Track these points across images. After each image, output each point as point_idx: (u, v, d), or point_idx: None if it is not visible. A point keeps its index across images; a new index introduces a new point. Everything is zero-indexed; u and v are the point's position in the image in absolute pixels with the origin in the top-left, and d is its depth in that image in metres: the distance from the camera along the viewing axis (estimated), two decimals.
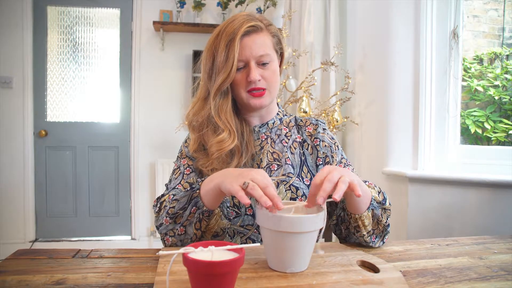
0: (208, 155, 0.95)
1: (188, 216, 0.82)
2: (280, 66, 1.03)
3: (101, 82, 3.24)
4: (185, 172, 0.98)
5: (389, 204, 0.89)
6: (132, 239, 3.25)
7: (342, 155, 1.05)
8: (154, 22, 3.03)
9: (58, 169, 3.19)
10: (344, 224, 0.91)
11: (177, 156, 1.05)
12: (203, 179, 0.96)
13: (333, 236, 1.61)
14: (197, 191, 0.82)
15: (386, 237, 0.91)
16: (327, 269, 0.72)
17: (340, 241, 0.98)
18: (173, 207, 0.84)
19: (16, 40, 3.02)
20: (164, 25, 3.05)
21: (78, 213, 3.22)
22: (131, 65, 3.21)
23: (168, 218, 0.84)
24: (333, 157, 1.02)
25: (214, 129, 0.94)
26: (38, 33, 3.09)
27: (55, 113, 3.19)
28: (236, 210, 0.95)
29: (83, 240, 3.20)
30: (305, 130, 1.06)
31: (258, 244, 0.72)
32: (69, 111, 3.21)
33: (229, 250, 0.61)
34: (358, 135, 2.30)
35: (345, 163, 1.03)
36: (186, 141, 1.06)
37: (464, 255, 0.86)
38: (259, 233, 0.96)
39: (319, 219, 0.69)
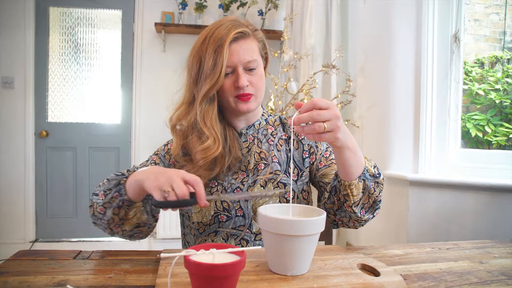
0: (193, 161, 0.95)
1: (110, 199, 0.83)
2: (265, 69, 1.04)
3: (102, 83, 3.25)
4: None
5: (383, 179, 0.89)
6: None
7: (327, 144, 1.06)
8: (156, 24, 3.03)
9: (58, 170, 3.19)
10: (337, 195, 0.90)
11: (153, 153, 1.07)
12: (154, 161, 1.00)
13: (333, 239, 1.61)
14: (125, 179, 0.83)
15: (377, 211, 0.91)
16: (328, 272, 0.72)
17: (332, 225, 0.98)
18: (104, 185, 0.86)
19: (18, 41, 3.03)
20: (166, 27, 3.06)
21: (78, 213, 3.22)
22: (132, 66, 3.21)
23: (103, 194, 0.85)
24: (317, 147, 1.04)
25: (199, 136, 0.94)
26: (40, 34, 3.10)
27: (56, 113, 3.19)
28: (227, 213, 0.96)
29: (83, 241, 3.20)
30: (288, 127, 1.07)
31: (260, 247, 0.72)
32: (70, 112, 3.21)
33: (230, 253, 0.62)
34: (359, 138, 2.30)
35: (331, 151, 1.04)
36: (168, 143, 1.07)
37: (465, 259, 0.86)
38: (252, 233, 0.97)
39: (320, 222, 0.69)
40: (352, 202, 0.86)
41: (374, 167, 0.89)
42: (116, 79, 3.25)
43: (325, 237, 1.35)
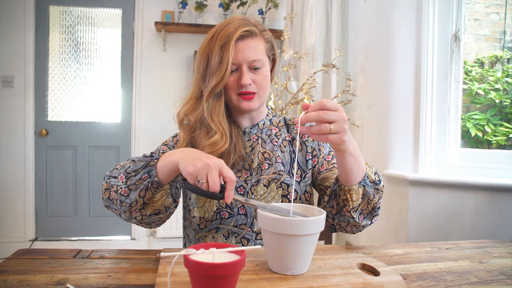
0: None
1: (137, 181, 0.83)
2: (272, 71, 1.05)
3: (102, 82, 3.24)
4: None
5: (383, 186, 0.90)
6: (132, 239, 3.25)
7: (330, 148, 1.06)
8: (156, 23, 3.03)
9: (58, 169, 3.19)
10: (336, 199, 0.91)
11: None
12: (164, 151, 0.99)
13: (333, 238, 1.61)
14: (155, 160, 0.84)
15: (375, 218, 0.92)
16: (327, 271, 0.72)
17: (331, 229, 0.99)
18: (129, 167, 0.86)
19: (18, 40, 3.02)
20: (166, 26, 3.05)
21: (78, 212, 3.22)
22: (132, 65, 3.21)
23: (123, 176, 0.85)
24: (320, 150, 1.05)
25: (207, 131, 0.95)
26: (40, 33, 3.10)
27: (56, 112, 3.19)
28: (229, 210, 0.97)
29: (83, 240, 3.20)
30: (293, 129, 1.08)
31: (259, 246, 0.72)
32: (70, 111, 3.21)
33: (230, 252, 0.62)
34: (359, 138, 2.30)
35: (333, 155, 1.05)
36: (176, 135, 1.07)
37: (464, 259, 0.86)
38: (253, 232, 0.97)
39: (320, 222, 0.69)
40: (351, 207, 0.86)
41: (375, 174, 0.89)
42: (116, 78, 3.24)
43: (325, 236, 1.35)
